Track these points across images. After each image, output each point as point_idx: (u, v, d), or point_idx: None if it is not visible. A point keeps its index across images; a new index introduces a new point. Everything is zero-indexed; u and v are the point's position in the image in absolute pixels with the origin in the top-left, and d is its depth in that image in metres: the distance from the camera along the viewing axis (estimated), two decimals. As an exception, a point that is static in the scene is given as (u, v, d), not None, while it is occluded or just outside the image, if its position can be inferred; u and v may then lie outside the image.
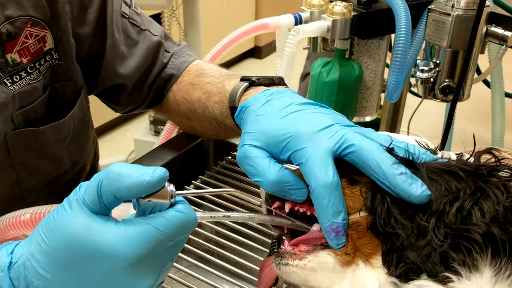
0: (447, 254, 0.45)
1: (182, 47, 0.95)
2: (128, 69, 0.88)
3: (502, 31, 1.16)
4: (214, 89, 0.82)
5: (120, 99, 0.93)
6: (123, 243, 0.43)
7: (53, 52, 0.77)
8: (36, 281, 0.44)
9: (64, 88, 0.82)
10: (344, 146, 0.54)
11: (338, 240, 0.53)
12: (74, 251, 0.43)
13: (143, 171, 0.44)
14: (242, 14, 3.97)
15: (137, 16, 0.89)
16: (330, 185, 0.53)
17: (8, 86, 0.72)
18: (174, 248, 0.47)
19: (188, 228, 0.47)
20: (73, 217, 0.44)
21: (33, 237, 0.45)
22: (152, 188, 0.44)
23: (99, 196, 0.44)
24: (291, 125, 0.59)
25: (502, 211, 0.46)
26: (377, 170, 0.52)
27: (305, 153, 0.55)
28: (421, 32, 1.26)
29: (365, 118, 1.41)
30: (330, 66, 1.29)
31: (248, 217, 0.60)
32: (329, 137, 0.56)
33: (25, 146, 0.77)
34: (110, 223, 0.44)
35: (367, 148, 0.53)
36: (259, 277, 0.61)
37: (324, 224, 0.53)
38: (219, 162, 0.99)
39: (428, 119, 2.72)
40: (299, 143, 0.56)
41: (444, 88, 1.24)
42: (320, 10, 1.24)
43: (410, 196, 0.50)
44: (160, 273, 0.47)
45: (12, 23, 0.71)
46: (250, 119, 0.64)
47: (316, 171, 0.53)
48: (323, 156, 0.54)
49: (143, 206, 0.46)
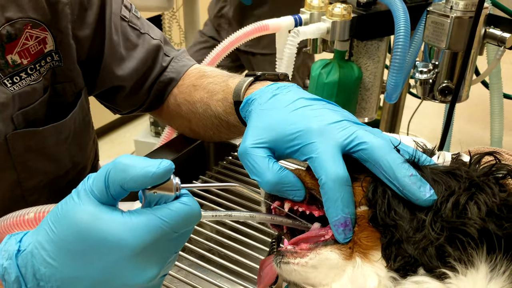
0: (443, 248, 0.46)
1: (181, 52, 0.96)
2: (127, 70, 0.88)
3: (501, 32, 1.17)
4: (217, 88, 0.82)
5: (117, 101, 0.93)
6: (128, 233, 0.44)
7: (53, 53, 0.78)
8: (43, 269, 0.45)
9: (65, 89, 0.82)
10: (356, 143, 0.55)
11: (345, 234, 0.53)
12: (81, 239, 0.44)
13: (150, 162, 0.45)
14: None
15: (137, 20, 0.90)
16: (341, 179, 0.53)
17: (8, 87, 0.73)
18: (178, 240, 0.48)
19: (192, 220, 0.48)
20: (80, 206, 0.45)
21: (41, 226, 0.46)
22: (158, 179, 0.45)
23: (107, 186, 0.45)
24: (299, 120, 0.59)
25: (497, 206, 0.47)
26: (388, 170, 0.52)
27: (314, 147, 0.55)
28: (420, 33, 1.27)
29: (364, 119, 1.42)
30: (330, 67, 1.30)
31: (249, 216, 0.61)
32: (338, 132, 0.56)
33: (26, 146, 0.77)
34: (116, 213, 0.45)
35: (378, 146, 0.54)
36: (259, 275, 0.61)
37: (333, 218, 0.53)
38: (220, 162, 1.00)
39: (427, 120, 2.72)
40: (308, 138, 0.57)
41: (443, 89, 1.25)
42: (320, 12, 1.25)
43: (417, 199, 0.50)
44: (164, 265, 0.47)
45: (12, 25, 0.71)
46: (255, 113, 0.64)
47: (326, 165, 0.54)
48: (333, 150, 0.55)
49: (148, 198, 0.47)
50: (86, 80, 0.87)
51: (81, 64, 0.84)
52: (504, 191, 0.49)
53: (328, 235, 0.56)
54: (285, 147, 0.58)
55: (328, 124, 0.57)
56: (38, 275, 0.45)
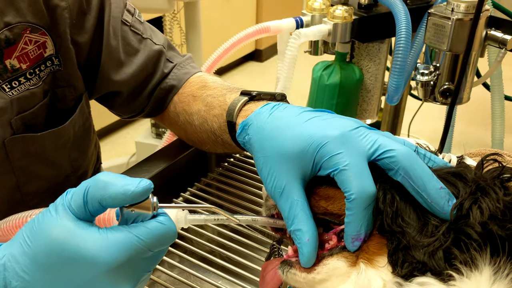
0: (450, 250, 0.46)
1: (186, 58, 0.94)
2: (124, 76, 0.86)
3: (502, 34, 1.17)
4: (215, 102, 0.79)
5: (114, 106, 0.92)
6: (103, 249, 0.44)
7: (53, 58, 0.78)
8: (14, 283, 0.44)
9: (65, 93, 0.82)
10: (382, 151, 0.52)
11: (357, 246, 0.52)
12: (55, 254, 0.44)
13: (129, 181, 0.45)
14: (243, 17, 3.98)
15: (139, 25, 0.88)
16: (371, 197, 0.51)
17: (7, 92, 0.72)
18: (152, 259, 0.48)
19: (167, 240, 0.48)
20: (57, 220, 0.45)
21: (16, 239, 0.46)
22: (136, 198, 0.46)
23: (85, 202, 0.45)
24: (316, 132, 0.55)
25: (501, 210, 0.47)
26: (418, 181, 0.50)
27: (342, 158, 0.52)
28: (421, 35, 1.27)
29: (365, 120, 1.42)
30: (331, 69, 1.30)
31: (251, 219, 0.61)
32: (361, 140, 0.53)
33: (24, 151, 0.77)
34: (93, 229, 0.45)
35: (405, 155, 0.51)
36: (262, 278, 0.61)
37: (352, 232, 0.51)
38: (222, 164, 1.00)
39: (428, 122, 2.72)
40: (332, 149, 0.53)
41: (444, 91, 1.25)
42: (321, 14, 1.25)
43: (445, 213, 0.49)
44: (137, 283, 0.47)
45: (11, 29, 0.71)
46: (258, 143, 0.59)
47: (357, 180, 0.51)
48: (362, 163, 0.52)
49: (126, 216, 0.47)
50: (86, 84, 0.86)
51: (81, 68, 0.83)
52: (508, 194, 0.49)
53: (332, 240, 0.56)
54: (310, 164, 0.54)
55: (349, 131, 0.54)
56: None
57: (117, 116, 0.98)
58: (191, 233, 0.83)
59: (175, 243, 0.80)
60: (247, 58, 4.30)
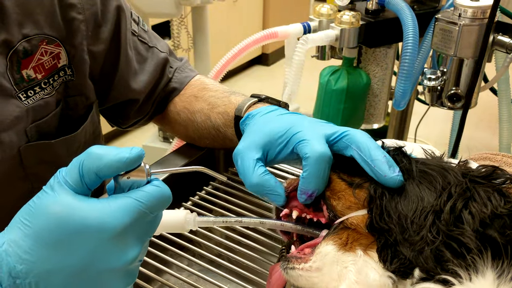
0: (441, 253, 0.47)
1: (184, 62, 0.99)
2: (140, 84, 0.90)
3: (509, 40, 1.17)
4: (219, 102, 0.87)
5: (129, 114, 0.95)
6: (108, 215, 0.45)
7: (66, 68, 0.79)
8: (19, 266, 0.44)
9: (77, 102, 0.84)
10: (339, 133, 0.61)
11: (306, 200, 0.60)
12: (60, 228, 0.44)
13: (122, 149, 0.47)
14: (250, 22, 3.99)
15: (144, 34, 0.92)
16: (324, 156, 0.59)
17: (23, 101, 0.74)
18: (152, 223, 0.50)
19: (165, 202, 0.50)
20: (55, 197, 0.45)
21: (12, 225, 0.46)
22: (131, 164, 0.47)
23: (81, 176, 0.46)
24: (289, 123, 0.66)
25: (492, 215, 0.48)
26: (364, 151, 0.58)
27: (302, 135, 0.63)
28: (428, 40, 1.27)
29: (372, 125, 1.42)
30: (338, 74, 1.30)
31: (259, 222, 0.62)
32: (326, 128, 0.63)
33: (38, 158, 0.79)
34: (92, 199, 0.46)
35: (359, 134, 0.60)
36: (268, 281, 0.62)
37: (305, 187, 0.59)
38: (230, 168, 1.01)
39: (435, 126, 2.72)
40: (297, 129, 0.64)
41: (451, 96, 1.26)
42: (329, 19, 1.26)
43: (385, 176, 0.55)
44: (141, 246, 0.49)
45: (28, 41, 0.73)
46: (253, 123, 0.71)
47: (311, 144, 0.60)
48: (318, 138, 0.61)
49: (122, 184, 0.49)
50: (98, 93, 0.88)
51: (94, 78, 0.85)
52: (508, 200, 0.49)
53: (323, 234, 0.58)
54: (276, 145, 0.65)
55: (316, 122, 0.65)
56: (14, 273, 0.44)
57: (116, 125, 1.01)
58: (200, 237, 0.83)
59: (183, 246, 0.81)
60: (254, 62, 4.31)
